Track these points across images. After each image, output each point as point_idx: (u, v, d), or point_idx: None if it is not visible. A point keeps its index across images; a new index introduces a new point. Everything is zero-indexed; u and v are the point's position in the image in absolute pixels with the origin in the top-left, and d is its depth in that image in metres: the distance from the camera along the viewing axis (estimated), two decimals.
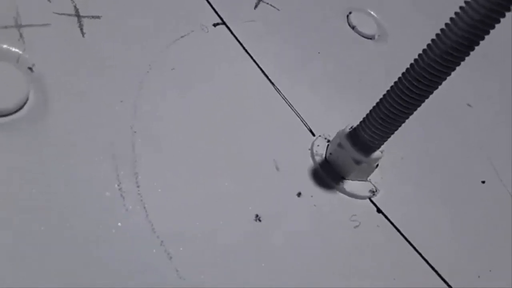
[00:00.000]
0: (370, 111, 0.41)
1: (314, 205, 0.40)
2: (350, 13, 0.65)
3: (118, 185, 0.33)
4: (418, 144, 0.52)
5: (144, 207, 0.33)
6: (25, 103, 0.35)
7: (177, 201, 0.35)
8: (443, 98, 0.60)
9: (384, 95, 0.40)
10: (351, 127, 0.43)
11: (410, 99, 0.38)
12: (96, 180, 0.33)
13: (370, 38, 0.64)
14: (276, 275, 0.35)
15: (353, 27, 0.64)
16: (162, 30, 0.47)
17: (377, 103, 0.41)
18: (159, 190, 0.35)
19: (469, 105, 0.63)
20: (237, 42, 0.52)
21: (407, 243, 0.42)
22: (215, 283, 0.31)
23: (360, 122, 0.42)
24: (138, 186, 0.34)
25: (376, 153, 0.42)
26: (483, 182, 0.52)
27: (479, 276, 0.43)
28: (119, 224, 0.31)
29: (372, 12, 0.67)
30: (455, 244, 0.44)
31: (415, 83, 0.37)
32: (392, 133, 0.41)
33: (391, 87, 0.40)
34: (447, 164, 0.52)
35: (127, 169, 0.34)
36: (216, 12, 0.54)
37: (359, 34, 0.64)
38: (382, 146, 0.43)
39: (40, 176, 0.32)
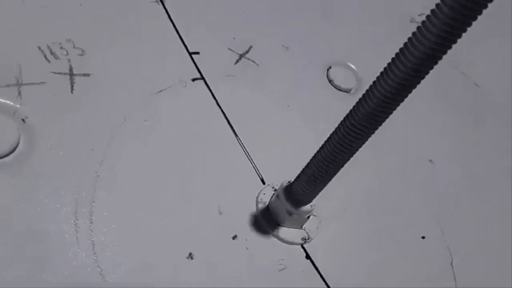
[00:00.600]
0: (303, 169, 0.48)
1: (246, 248, 0.47)
2: (330, 67, 0.71)
3: (74, 221, 0.42)
4: (362, 197, 0.57)
5: (92, 240, 0.41)
6: (15, 149, 0.44)
7: (120, 235, 0.43)
8: (404, 154, 0.65)
9: (313, 156, 0.46)
10: (289, 182, 0.49)
11: (332, 160, 0.44)
12: (59, 215, 0.42)
13: (347, 91, 0.70)
14: None
15: (330, 81, 0.70)
16: (143, 84, 0.56)
17: (307, 163, 0.47)
18: (107, 226, 0.43)
19: (431, 161, 0.67)
20: (211, 96, 0.60)
21: None
22: None
23: (295, 178, 0.48)
24: (91, 223, 0.42)
25: (306, 207, 0.48)
26: (423, 237, 0.57)
27: None
28: (70, 254, 0.40)
29: (353, 66, 0.73)
30: None
31: (334, 147, 0.42)
32: (319, 191, 0.47)
33: (320, 147, 0.45)
34: (389, 218, 0.57)
35: (85, 208, 0.43)
36: (197, 67, 0.62)
37: (336, 88, 0.69)
38: (315, 201, 0.49)
39: (19, 209, 0.41)
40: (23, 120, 0.46)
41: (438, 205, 0.60)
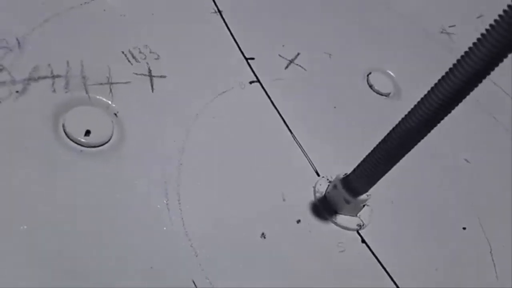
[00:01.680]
0: (360, 162, 0.53)
1: (309, 231, 0.53)
2: (369, 73, 0.77)
3: (166, 201, 0.48)
4: (408, 191, 0.63)
5: (182, 217, 0.47)
6: (109, 139, 0.50)
7: (205, 216, 0.49)
8: (440, 151, 0.70)
9: (371, 150, 0.52)
10: (345, 174, 0.55)
11: (388, 157, 0.49)
12: (152, 196, 0.48)
13: (385, 96, 0.76)
14: (271, 280, 0.47)
15: (370, 86, 0.76)
16: (209, 87, 0.62)
17: (366, 156, 0.53)
18: (193, 207, 0.49)
19: (466, 160, 0.72)
20: (266, 97, 0.66)
21: (383, 270, 0.53)
22: (225, 274, 0.45)
23: (352, 170, 0.54)
24: (179, 203, 0.48)
25: (363, 196, 0.54)
26: (464, 228, 0.62)
27: None
28: (164, 228, 0.46)
29: (390, 72, 0.79)
30: (425, 274, 0.54)
31: (393, 147, 0.48)
32: (376, 181, 0.53)
33: (378, 144, 0.51)
34: (433, 209, 0.62)
35: (173, 190, 0.49)
36: (253, 72, 0.68)
37: (376, 92, 0.75)
38: (371, 190, 0.54)
39: (113, 192, 0.47)
40: (115, 114, 0.53)
41: (476, 199, 0.65)
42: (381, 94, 0.76)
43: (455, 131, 0.75)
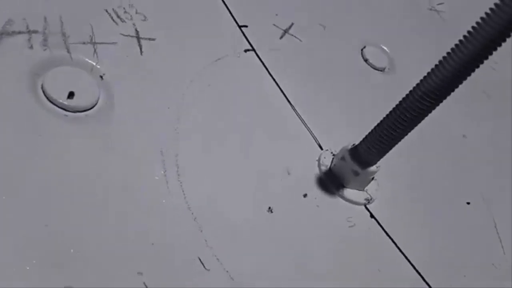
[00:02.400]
0: (370, 131, 0.50)
1: (317, 206, 0.49)
2: (364, 47, 0.74)
3: (164, 172, 0.43)
4: (412, 165, 0.60)
5: (183, 191, 0.42)
6: (96, 103, 0.44)
7: (207, 188, 0.44)
8: (440, 127, 0.68)
9: (381, 120, 0.49)
10: (353, 144, 0.51)
11: (401, 125, 0.46)
12: (147, 167, 0.42)
13: (381, 70, 0.73)
14: (280, 256, 0.43)
15: (365, 60, 0.73)
16: (202, 53, 0.57)
17: (375, 126, 0.49)
18: (194, 179, 0.44)
19: (464, 136, 0.71)
20: (263, 67, 0.62)
21: (392, 243, 0.50)
22: (233, 251, 0.40)
23: (361, 141, 0.51)
24: (179, 175, 0.43)
25: (372, 168, 0.50)
26: (468, 203, 0.60)
27: (454, 279, 0.50)
28: (164, 201, 0.41)
29: (384, 47, 0.76)
30: (433, 248, 0.52)
31: (407, 113, 0.45)
32: (386, 152, 0.49)
33: (389, 112, 0.48)
34: (437, 184, 0.60)
35: (171, 160, 0.44)
36: (248, 40, 0.64)
37: (371, 66, 0.72)
38: (379, 162, 0.51)
39: (104, 160, 0.42)
40: (101, 77, 0.47)
41: (479, 174, 0.64)
42: (377, 69, 0.73)
43: (452, 107, 0.73)
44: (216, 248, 0.40)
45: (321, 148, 0.56)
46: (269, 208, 0.46)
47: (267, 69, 0.62)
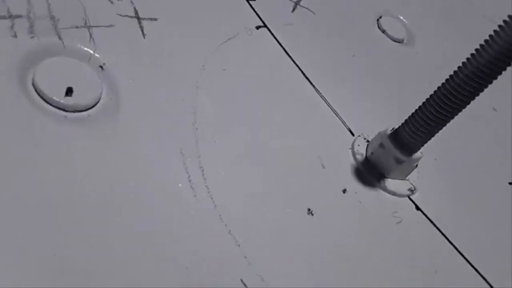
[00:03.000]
0: (413, 113, 0.44)
1: (359, 201, 0.43)
2: (380, 17, 0.68)
3: (188, 177, 0.36)
4: (449, 146, 0.55)
5: (212, 198, 0.36)
6: (99, 100, 0.37)
7: (238, 194, 0.38)
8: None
9: (426, 100, 0.43)
10: (392, 129, 0.45)
11: (454, 104, 0.40)
12: (168, 172, 0.36)
13: (399, 42, 0.66)
14: (329, 264, 0.37)
15: (383, 31, 0.66)
16: (211, 33, 0.50)
17: (420, 107, 0.43)
18: (223, 183, 0.37)
19: (494, 109, 0.65)
20: (278, 45, 0.55)
21: (445, 238, 0.44)
22: (278, 266, 0.34)
23: (402, 124, 0.45)
24: (205, 179, 0.37)
25: (417, 154, 0.45)
26: (510, 183, 0.55)
27: None
28: (192, 212, 0.34)
29: (401, 17, 0.70)
30: (487, 239, 0.46)
31: (457, 93, 0.39)
32: (433, 136, 0.43)
33: (434, 92, 0.42)
34: (476, 166, 0.55)
35: (194, 163, 0.37)
36: (259, 16, 0.56)
37: (389, 38, 0.66)
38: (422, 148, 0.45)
39: (114, 168, 0.35)
40: (101, 67, 0.39)
41: None
42: (396, 41, 0.66)
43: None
44: (258, 265, 0.34)
45: (353, 134, 0.50)
46: (309, 210, 0.40)
47: (282, 47, 0.55)
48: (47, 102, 0.34)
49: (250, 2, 0.58)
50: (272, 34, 0.55)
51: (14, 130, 0.32)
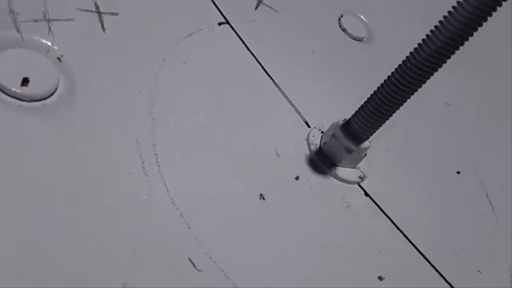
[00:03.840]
0: (361, 105, 0.46)
1: (311, 188, 0.46)
2: (341, 16, 0.70)
3: (142, 164, 0.38)
4: (400, 138, 0.58)
5: (165, 184, 0.37)
6: (55, 90, 0.39)
7: (192, 179, 0.39)
8: (423, 97, 0.66)
9: (374, 91, 0.45)
10: (344, 120, 0.48)
11: (397, 95, 0.43)
12: (122, 160, 0.37)
13: (359, 40, 0.69)
14: (277, 246, 0.40)
15: (344, 30, 0.69)
16: (173, 27, 0.52)
17: (368, 99, 0.46)
18: (176, 169, 0.39)
19: (448, 104, 0.69)
20: (239, 40, 0.57)
21: (390, 222, 0.47)
22: (226, 247, 0.36)
23: (352, 115, 0.47)
24: (158, 166, 0.38)
25: (365, 143, 0.47)
26: (458, 172, 0.58)
27: (453, 253, 0.49)
28: (144, 197, 0.36)
29: (362, 16, 0.73)
30: (430, 223, 0.50)
31: (403, 81, 0.42)
32: (380, 125, 0.46)
33: (381, 84, 0.45)
34: (426, 156, 0.58)
35: (148, 151, 0.39)
36: (221, 12, 0.58)
37: (350, 36, 0.69)
38: (371, 137, 0.48)
39: (70, 156, 0.36)
40: (58, 59, 0.41)
41: (464, 143, 0.62)
42: (355, 39, 0.69)
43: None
44: (207, 245, 0.36)
45: (309, 126, 0.52)
46: (261, 195, 0.42)
47: (244, 43, 0.57)
48: (2, 92, 0.36)
49: None
50: (234, 30, 0.57)
51: None
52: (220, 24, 0.57)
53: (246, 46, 0.56)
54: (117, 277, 0.31)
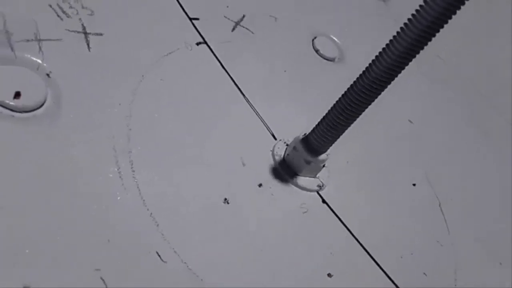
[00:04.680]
0: (318, 122, 0.52)
1: (272, 194, 0.51)
2: (315, 37, 0.76)
3: (118, 169, 0.43)
4: (361, 152, 0.63)
5: (138, 187, 0.43)
6: (43, 103, 0.44)
7: (162, 183, 0.45)
8: (387, 114, 0.72)
9: (329, 109, 0.51)
10: (304, 134, 0.53)
11: (349, 112, 0.49)
12: (101, 164, 0.42)
13: (331, 60, 0.75)
14: (236, 245, 0.45)
15: (316, 50, 0.75)
16: (153, 47, 0.57)
17: (324, 116, 0.51)
18: (148, 174, 0.44)
19: (410, 121, 0.75)
20: (216, 60, 0.62)
21: (344, 227, 0.52)
22: (190, 243, 0.41)
23: (311, 130, 0.53)
24: (133, 171, 0.43)
25: (323, 156, 0.53)
26: (414, 185, 0.64)
27: (401, 257, 0.54)
28: (118, 198, 0.41)
29: (334, 38, 0.79)
30: (382, 229, 0.55)
31: (353, 102, 0.48)
32: (335, 140, 0.52)
33: (335, 102, 0.50)
34: (384, 168, 0.63)
35: (124, 157, 0.44)
36: (199, 33, 0.64)
37: (322, 57, 0.75)
38: (329, 150, 0.53)
39: (55, 160, 0.41)
40: (47, 75, 0.46)
41: (423, 158, 0.68)
42: (327, 59, 0.75)
43: (397, 95, 0.77)
44: (173, 241, 0.41)
45: (275, 139, 0.58)
46: (225, 199, 0.47)
47: (219, 61, 0.62)
48: None
49: (193, 20, 0.65)
50: (210, 49, 0.63)
51: None
52: (198, 44, 0.62)
53: (221, 64, 0.62)
54: (91, 264, 0.36)
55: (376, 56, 0.45)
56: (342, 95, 0.49)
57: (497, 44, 1.00)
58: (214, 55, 0.62)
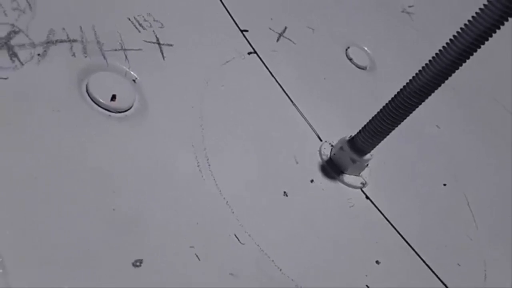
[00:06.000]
0: (365, 125, 0.58)
1: (323, 189, 0.57)
2: (348, 47, 0.83)
3: (197, 164, 0.49)
4: (395, 154, 0.69)
5: (214, 179, 0.49)
6: (132, 105, 0.51)
7: (234, 177, 0.51)
8: (417, 120, 0.78)
9: (375, 114, 0.57)
10: (350, 136, 0.60)
11: (394, 118, 0.55)
12: (184, 160, 0.49)
13: (363, 69, 0.82)
14: (297, 230, 0.51)
15: (350, 59, 0.81)
16: (213, 56, 0.64)
17: (370, 120, 0.58)
18: (222, 169, 0.51)
19: (437, 126, 0.81)
20: (265, 67, 0.69)
21: (387, 221, 0.59)
22: (260, 228, 0.48)
23: (357, 132, 0.59)
24: (209, 165, 0.50)
25: (367, 155, 0.59)
26: (445, 184, 0.70)
27: (436, 248, 0.60)
28: (200, 188, 0.48)
29: (365, 48, 0.85)
30: (419, 221, 0.61)
31: (399, 108, 0.54)
32: (380, 141, 0.58)
33: (381, 108, 0.56)
34: (417, 169, 0.70)
35: (201, 153, 0.51)
36: (250, 44, 0.70)
37: (355, 65, 0.81)
38: (372, 151, 0.60)
39: (146, 154, 0.48)
40: (134, 81, 0.53)
41: (451, 160, 0.74)
42: (359, 67, 0.81)
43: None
44: (246, 226, 0.47)
45: (320, 140, 0.64)
46: (284, 192, 0.54)
47: (268, 69, 0.69)
48: (96, 104, 0.48)
49: (244, 33, 0.72)
50: (260, 59, 0.69)
51: (73, 124, 0.45)
52: (249, 53, 0.69)
53: (270, 72, 0.68)
54: (186, 242, 0.43)
55: (423, 66, 0.51)
56: (388, 101, 0.55)
57: None
58: (264, 64, 0.69)
